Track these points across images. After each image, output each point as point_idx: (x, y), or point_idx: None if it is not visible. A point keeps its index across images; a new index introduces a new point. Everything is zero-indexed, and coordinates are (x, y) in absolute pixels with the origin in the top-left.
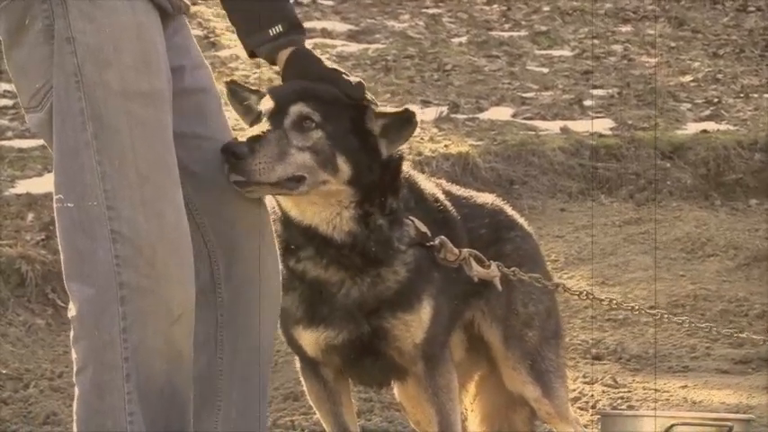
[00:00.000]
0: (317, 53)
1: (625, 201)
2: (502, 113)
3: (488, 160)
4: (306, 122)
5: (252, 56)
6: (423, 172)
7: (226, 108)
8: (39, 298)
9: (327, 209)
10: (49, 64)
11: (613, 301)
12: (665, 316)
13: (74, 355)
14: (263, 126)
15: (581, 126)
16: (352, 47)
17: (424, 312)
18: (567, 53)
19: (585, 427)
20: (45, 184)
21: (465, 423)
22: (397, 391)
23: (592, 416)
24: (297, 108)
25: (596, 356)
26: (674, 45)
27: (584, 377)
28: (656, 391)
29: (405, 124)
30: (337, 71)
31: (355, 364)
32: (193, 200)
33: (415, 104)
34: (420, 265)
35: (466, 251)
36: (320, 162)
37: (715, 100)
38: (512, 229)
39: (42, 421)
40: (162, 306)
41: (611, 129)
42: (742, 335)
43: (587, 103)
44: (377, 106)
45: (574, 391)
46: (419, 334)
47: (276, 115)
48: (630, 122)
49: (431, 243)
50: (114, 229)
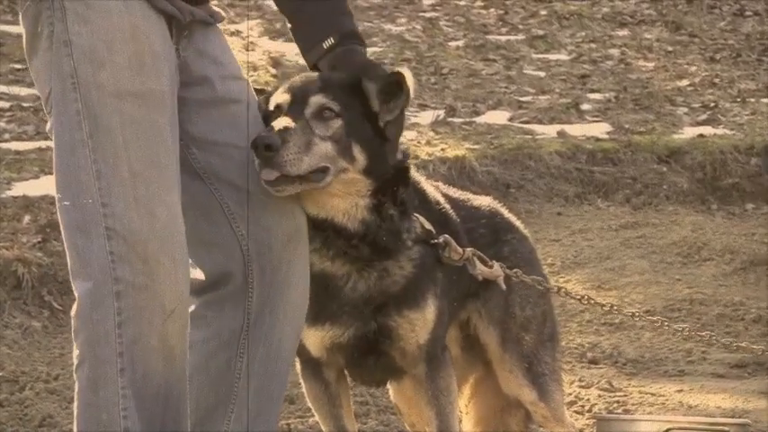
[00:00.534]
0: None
1: (621, 205)
2: (499, 117)
3: (485, 164)
4: (326, 112)
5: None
6: None
7: None
8: (35, 300)
9: (346, 200)
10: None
11: (614, 307)
12: (665, 324)
13: (74, 351)
14: (286, 119)
15: (578, 130)
16: None
17: (428, 312)
18: (563, 57)
19: (581, 431)
20: (42, 186)
21: (460, 425)
22: (392, 392)
23: (587, 420)
24: (316, 99)
25: (592, 360)
26: (670, 49)
27: (580, 381)
28: (652, 395)
29: (396, 89)
30: (374, 65)
31: (358, 363)
32: (230, 206)
33: (412, 108)
34: (425, 263)
35: (469, 250)
36: (340, 151)
37: (712, 104)
38: (509, 231)
39: (38, 424)
40: (156, 302)
41: (607, 133)
42: (741, 344)
43: (584, 107)
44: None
45: (570, 394)
46: (423, 334)
47: (296, 107)
48: (627, 126)
49: (436, 241)
50: (109, 226)
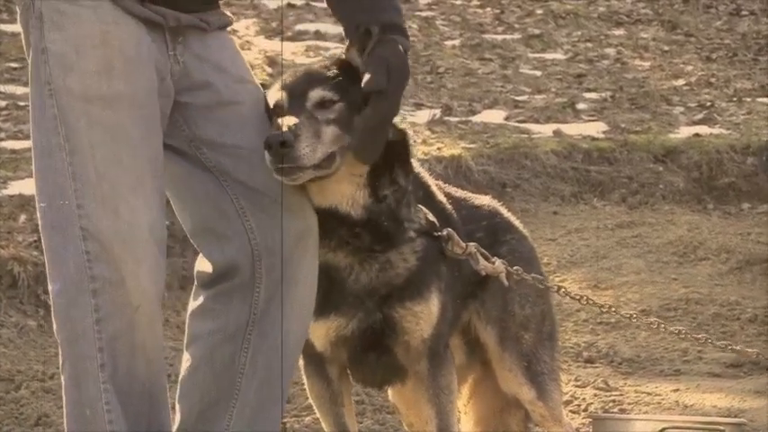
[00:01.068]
0: (310, 56)
1: (617, 204)
2: (495, 116)
3: (481, 163)
4: (326, 103)
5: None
6: None
7: None
8: (30, 299)
9: (350, 187)
10: None
11: (612, 308)
12: (661, 325)
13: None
14: (290, 115)
15: (574, 129)
16: None
17: (433, 304)
18: (560, 56)
19: (577, 430)
20: None
21: (458, 425)
22: (391, 392)
23: (583, 419)
24: (315, 92)
25: (588, 360)
26: (667, 49)
27: (576, 380)
28: (648, 394)
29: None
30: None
31: (360, 359)
32: (241, 202)
33: (407, 107)
34: (429, 256)
35: (472, 245)
36: (343, 129)
37: (708, 104)
38: (508, 231)
39: (34, 423)
40: (128, 298)
41: (603, 132)
42: (736, 347)
43: (580, 106)
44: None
45: (566, 394)
46: (428, 328)
47: (297, 102)
48: (623, 126)
49: (439, 233)
50: (83, 227)
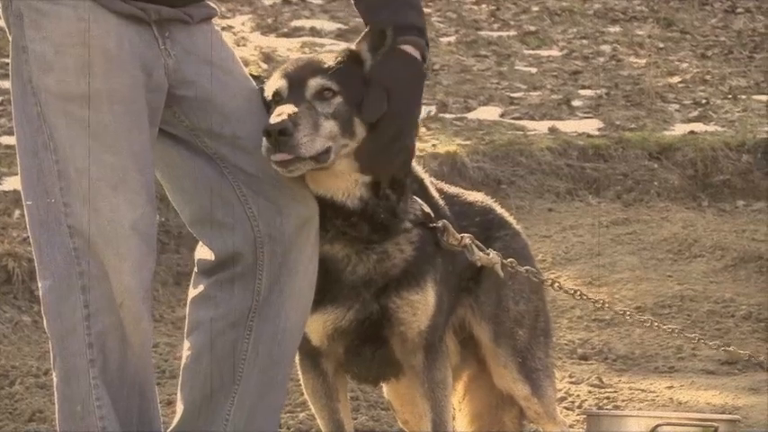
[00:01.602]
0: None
1: (612, 201)
2: (490, 113)
3: (476, 160)
4: (326, 93)
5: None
6: None
7: None
8: (25, 295)
9: (348, 177)
10: None
11: (605, 304)
12: (654, 323)
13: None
14: (289, 105)
15: (569, 126)
16: (341, 46)
17: (429, 294)
18: (555, 53)
19: (571, 427)
20: None
21: (453, 422)
22: (386, 388)
23: (578, 416)
24: (315, 81)
25: (582, 356)
26: (662, 46)
27: (570, 377)
28: (642, 391)
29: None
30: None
31: (357, 353)
32: (242, 189)
33: None
34: (425, 246)
35: (467, 237)
36: (341, 128)
37: (703, 101)
38: (502, 227)
39: (28, 418)
40: (113, 294)
41: (599, 129)
42: (729, 348)
43: (575, 103)
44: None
45: (560, 391)
46: (424, 319)
47: (296, 91)
48: (618, 123)
49: (434, 225)
50: (70, 224)
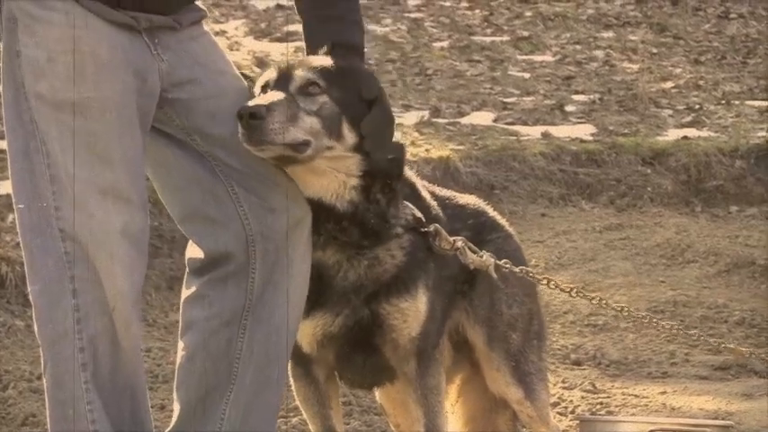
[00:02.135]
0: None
1: (606, 206)
2: (483, 118)
3: (469, 165)
4: (311, 87)
5: None
6: None
7: None
8: (18, 299)
9: (336, 179)
10: None
11: (602, 301)
12: (653, 320)
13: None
14: (271, 92)
15: (562, 131)
16: None
17: (420, 302)
18: (548, 58)
19: None
20: None
21: (446, 426)
22: (378, 393)
23: (571, 421)
24: (301, 73)
25: (576, 362)
26: (655, 51)
27: (563, 382)
28: (635, 396)
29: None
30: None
31: (347, 359)
32: (234, 187)
33: (396, 108)
34: (416, 252)
35: (460, 239)
36: (326, 127)
37: (696, 106)
38: (494, 230)
39: (21, 423)
40: (106, 298)
41: (592, 134)
42: (729, 345)
43: (568, 108)
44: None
45: (553, 396)
46: (416, 326)
47: (281, 82)
48: (611, 128)
49: (426, 229)
50: (61, 228)
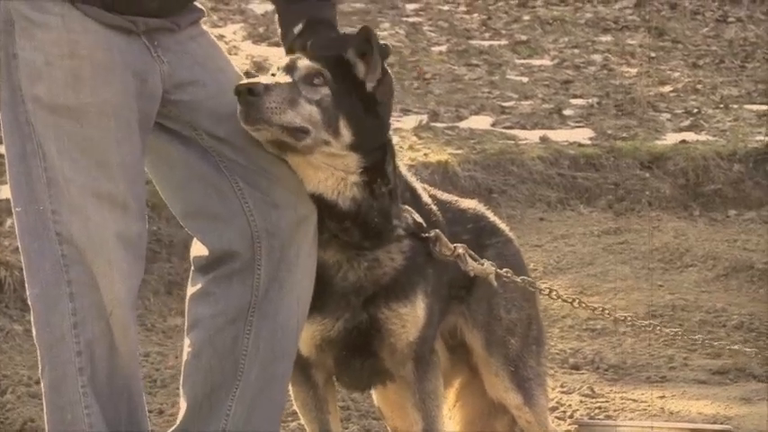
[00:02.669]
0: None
1: (604, 210)
2: (481, 122)
3: (468, 169)
4: (315, 78)
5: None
6: None
7: None
8: (17, 304)
9: (334, 175)
10: None
11: (605, 311)
12: (656, 327)
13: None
14: (275, 77)
15: (560, 135)
16: None
17: (419, 307)
18: (547, 62)
19: None
20: None
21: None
22: (375, 395)
23: (569, 425)
24: (306, 63)
25: (574, 366)
26: (654, 55)
27: (561, 387)
28: (634, 401)
29: (367, 45)
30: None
31: (345, 363)
32: (239, 183)
33: (395, 112)
34: (416, 257)
35: (460, 246)
36: (325, 120)
37: (695, 110)
38: (493, 234)
39: (19, 428)
40: (103, 302)
41: (590, 138)
42: (734, 347)
43: (567, 112)
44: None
45: (552, 400)
46: (414, 331)
47: (287, 70)
48: (610, 132)
49: (427, 235)
50: (58, 232)
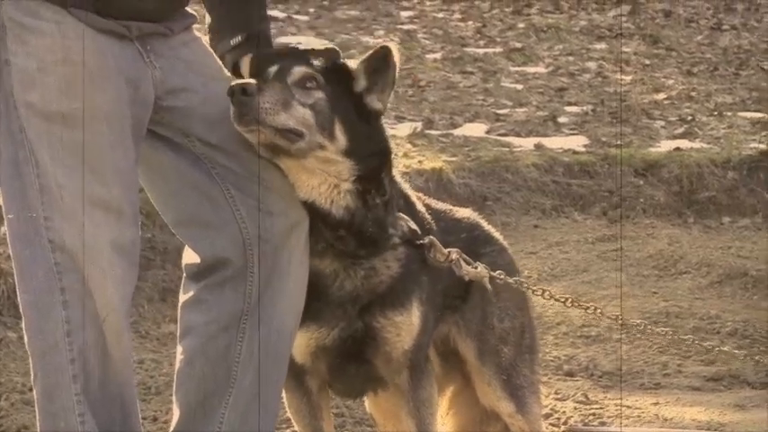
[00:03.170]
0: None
1: (598, 218)
2: (476, 130)
3: (462, 176)
4: (308, 82)
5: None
6: None
7: None
8: (10, 311)
9: (326, 181)
10: None
11: (597, 310)
12: (647, 327)
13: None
14: (268, 80)
15: (555, 143)
16: None
17: (414, 315)
18: (541, 70)
19: None
20: None
21: None
22: (368, 402)
23: None
24: (300, 68)
25: (568, 373)
26: (648, 63)
27: (555, 393)
28: (628, 407)
29: (382, 63)
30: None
31: (340, 370)
32: (231, 190)
33: (389, 120)
34: (411, 265)
35: (454, 251)
36: (319, 123)
37: (689, 118)
38: (488, 243)
39: None
40: (96, 309)
41: (584, 146)
42: (724, 348)
43: (561, 119)
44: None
45: (546, 407)
46: (408, 339)
47: (280, 74)
48: (604, 140)
49: (421, 242)
50: (51, 239)
